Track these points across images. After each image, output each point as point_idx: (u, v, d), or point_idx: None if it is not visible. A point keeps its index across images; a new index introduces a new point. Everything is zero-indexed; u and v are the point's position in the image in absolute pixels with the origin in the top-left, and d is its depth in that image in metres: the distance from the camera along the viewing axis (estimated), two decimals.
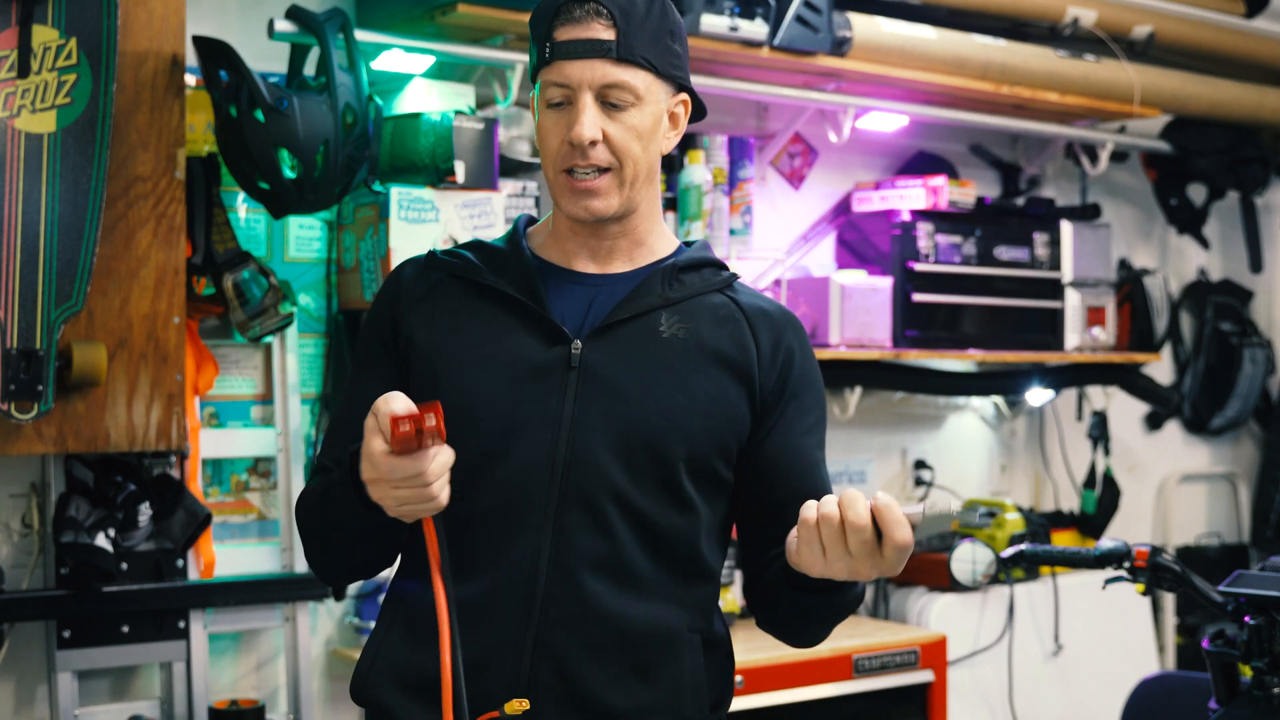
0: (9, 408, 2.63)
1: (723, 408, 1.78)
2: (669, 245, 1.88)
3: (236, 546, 3.22)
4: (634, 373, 1.75)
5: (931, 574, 4.03)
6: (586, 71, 1.72)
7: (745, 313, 1.83)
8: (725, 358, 1.79)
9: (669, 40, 1.78)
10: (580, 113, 1.72)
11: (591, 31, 1.72)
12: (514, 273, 1.81)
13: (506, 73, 3.30)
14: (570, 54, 1.72)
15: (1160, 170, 4.84)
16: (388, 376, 1.81)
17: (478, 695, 1.70)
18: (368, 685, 1.79)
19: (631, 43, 1.73)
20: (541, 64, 1.75)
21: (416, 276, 1.85)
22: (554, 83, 1.74)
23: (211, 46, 2.89)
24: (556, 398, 1.74)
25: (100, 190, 2.69)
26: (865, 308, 3.85)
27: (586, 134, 1.72)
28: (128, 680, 3.10)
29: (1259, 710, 2.37)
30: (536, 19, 1.78)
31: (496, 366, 1.76)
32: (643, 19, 1.74)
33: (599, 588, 1.72)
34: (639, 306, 1.79)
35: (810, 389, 1.85)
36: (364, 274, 3.20)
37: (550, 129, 1.76)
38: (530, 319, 1.78)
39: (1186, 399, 5.07)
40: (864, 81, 3.87)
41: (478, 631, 1.71)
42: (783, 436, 1.81)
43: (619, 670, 1.73)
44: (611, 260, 1.83)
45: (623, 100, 1.74)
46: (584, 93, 1.73)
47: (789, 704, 3.43)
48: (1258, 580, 2.40)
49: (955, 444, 4.51)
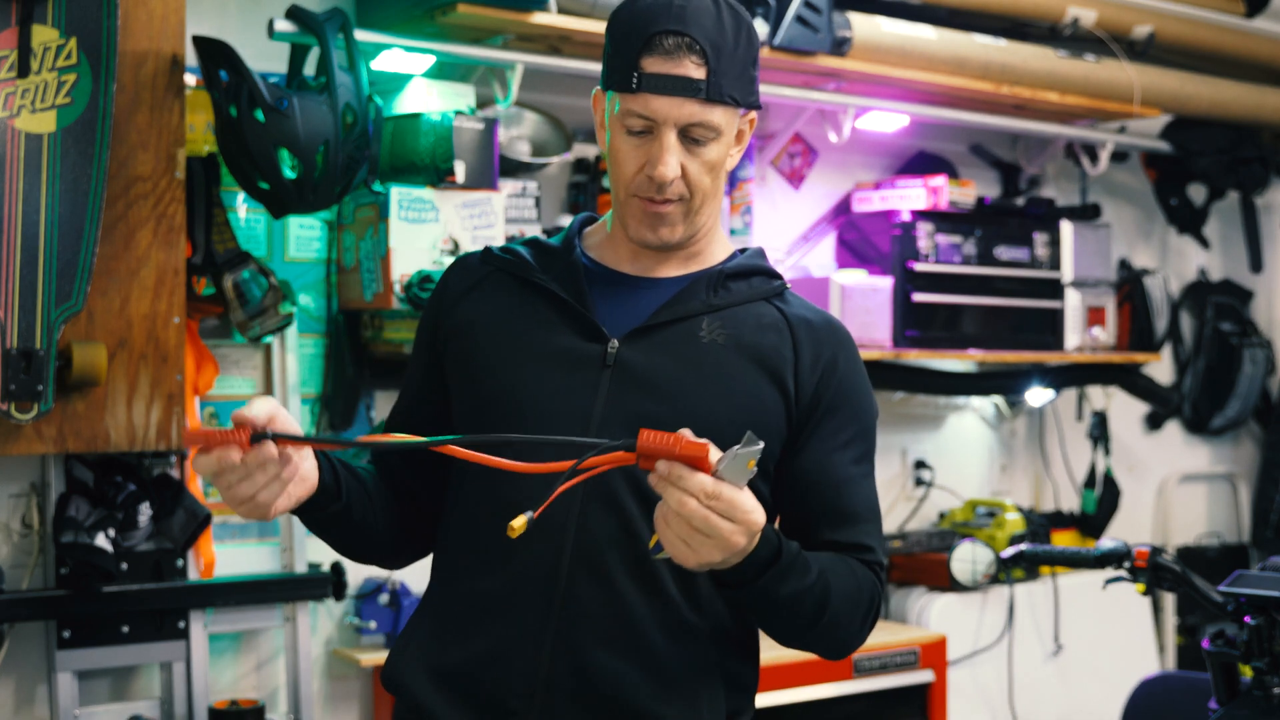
0: (9, 408, 2.63)
1: (758, 416, 1.75)
2: (723, 252, 1.87)
3: (236, 546, 3.22)
4: (668, 374, 1.75)
5: (932, 574, 4.03)
6: (674, 110, 1.71)
7: (790, 322, 1.81)
8: (764, 367, 1.77)
9: (751, 69, 1.78)
10: (664, 151, 1.71)
11: (683, 69, 1.70)
12: (562, 271, 1.82)
13: (506, 73, 3.30)
14: (659, 89, 1.70)
15: (1160, 170, 4.84)
16: (432, 372, 1.85)
17: (495, 689, 1.71)
18: (397, 673, 1.81)
19: (720, 81, 1.72)
20: (624, 87, 1.72)
21: (466, 271, 1.87)
22: (638, 114, 1.72)
23: (211, 46, 2.89)
24: (588, 394, 1.74)
25: (100, 190, 2.69)
26: (865, 308, 3.85)
27: (670, 174, 1.72)
28: (128, 680, 3.10)
29: (1259, 710, 2.37)
30: (622, 33, 1.74)
31: (533, 361, 1.77)
32: (731, 53, 1.73)
33: (620, 586, 1.71)
34: (681, 311, 1.78)
35: (849, 404, 1.81)
36: (364, 274, 3.20)
37: (629, 154, 1.75)
38: (572, 317, 1.78)
39: (1186, 399, 5.07)
40: (864, 81, 3.87)
41: (497, 625, 1.72)
42: (814, 451, 1.79)
43: (637, 670, 1.73)
44: (661, 265, 1.83)
45: (704, 137, 1.73)
46: (669, 130, 1.71)
47: (789, 704, 3.44)
48: (1258, 580, 2.40)
49: (955, 444, 4.51)
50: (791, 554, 1.67)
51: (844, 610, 1.74)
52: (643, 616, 1.72)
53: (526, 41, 3.34)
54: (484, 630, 1.73)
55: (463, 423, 1.80)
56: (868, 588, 1.77)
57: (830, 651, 1.81)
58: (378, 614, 3.28)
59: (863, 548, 1.79)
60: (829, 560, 1.74)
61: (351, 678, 3.38)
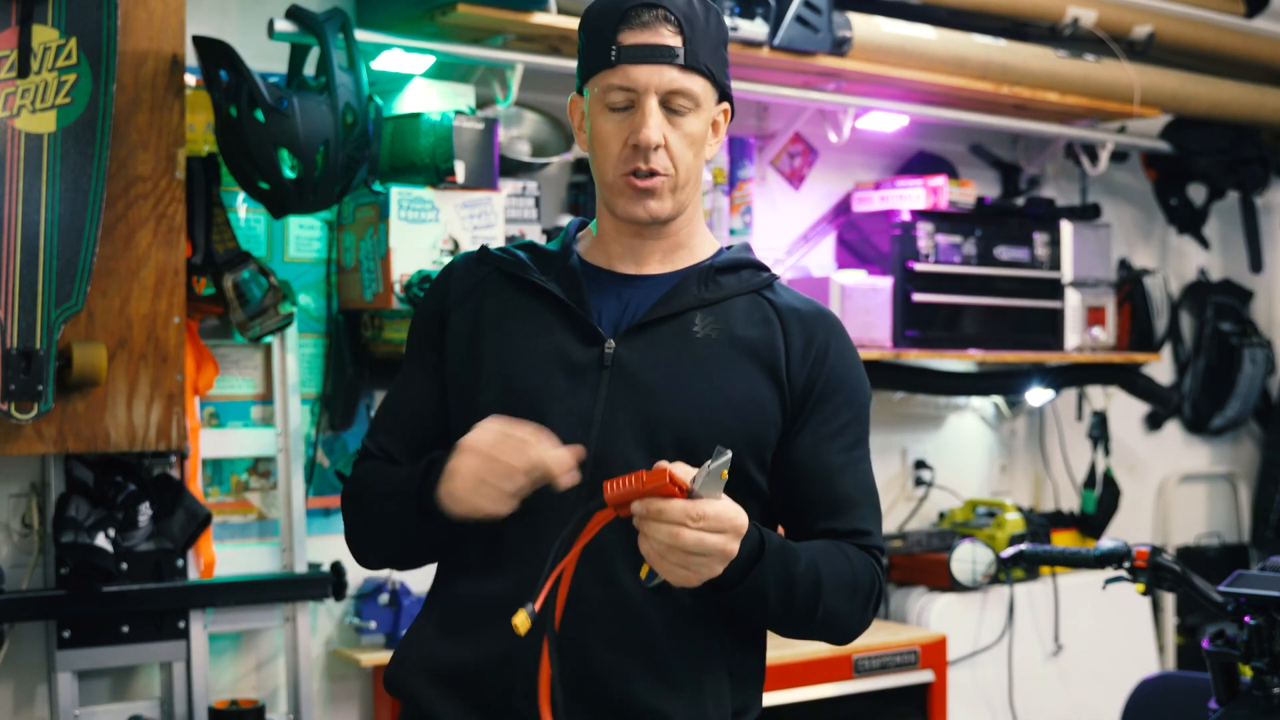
0: (9, 408, 2.63)
1: (754, 409, 1.77)
2: (709, 247, 1.90)
3: (236, 546, 3.22)
4: (665, 372, 1.76)
5: (932, 574, 4.03)
6: (654, 76, 1.74)
7: (780, 313, 1.83)
8: (758, 359, 1.79)
9: (722, 49, 1.82)
10: (647, 116, 1.74)
11: (659, 37, 1.75)
12: (559, 273, 1.83)
13: (506, 73, 3.30)
14: (638, 58, 1.74)
15: (1160, 170, 4.84)
16: (433, 370, 1.85)
17: (500, 690, 1.72)
18: (400, 675, 1.82)
19: (696, 50, 1.76)
20: (603, 66, 1.76)
21: (467, 270, 1.88)
22: (619, 86, 1.76)
23: (211, 46, 2.89)
24: (588, 396, 1.75)
25: (100, 190, 2.69)
26: (865, 308, 3.85)
27: (654, 137, 1.74)
28: (128, 680, 3.10)
29: (1259, 710, 2.37)
30: (596, 21, 1.79)
31: (533, 363, 1.78)
32: (704, 27, 1.77)
33: (625, 586, 1.72)
34: (674, 307, 1.80)
35: (842, 391, 1.83)
36: (364, 274, 3.20)
37: (612, 132, 1.78)
38: (569, 318, 1.80)
39: (1186, 399, 5.07)
40: (864, 81, 3.87)
41: (503, 626, 1.71)
42: (806, 440, 1.80)
43: (643, 670, 1.73)
44: (651, 261, 1.85)
45: (683, 107, 1.77)
46: (649, 97, 1.75)
47: (789, 704, 3.44)
48: (1258, 580, 2.40)
49: (955, 444, 4.51)
50: (776, 546, 1.68)
51: (840, 597, 1.75)
52: (648, 615, 1.73)
53: (526, 41, 3.34)
54: (488, 632, 1.74)
55: (464, 425, 1.79)
56: (865, 572, 1.78)
57: (833, 638, 1.82)
58: (378, 614, 3.28)
59: (859, 533, 1.80)
60: (820, 548, 1.75)
61: (351, 678, 3.38)
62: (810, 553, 1.72)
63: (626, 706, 1.73)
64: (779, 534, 1.72)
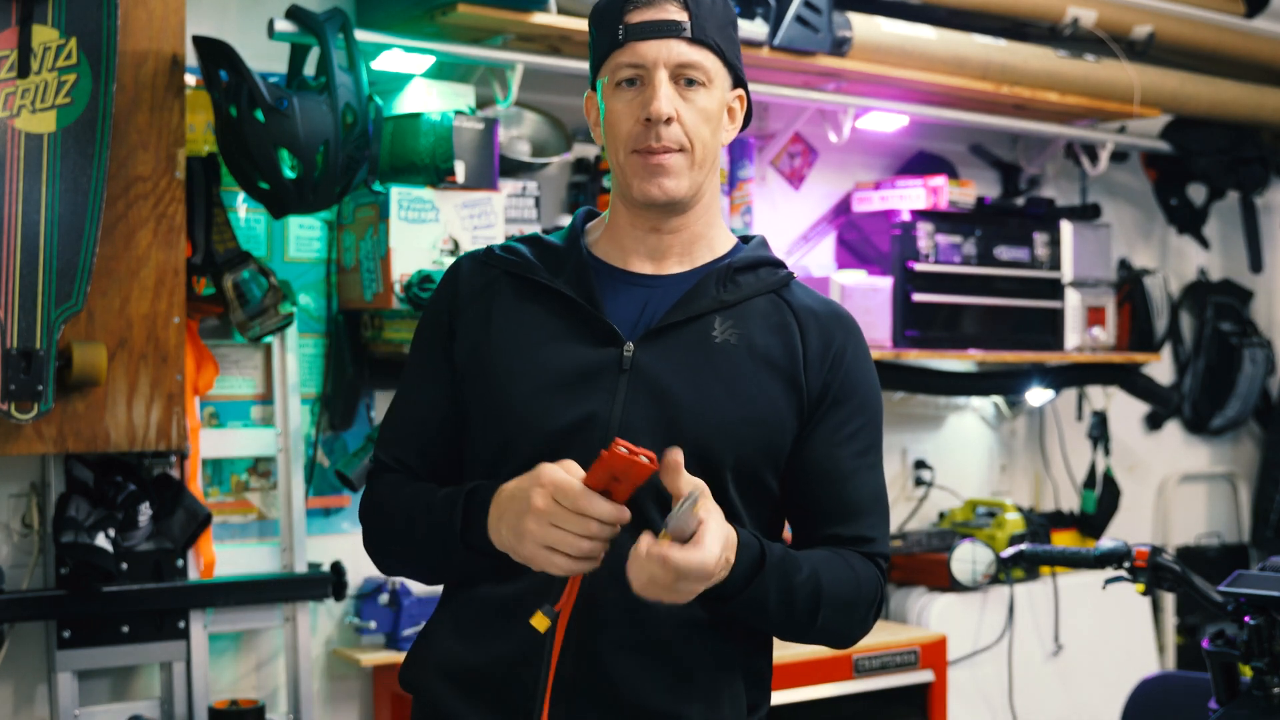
0: (9, 408, 2.63)
1: (772, 416, 1.76)
2: (726, 242, 1.87)
3: (236, 546, 3.22)
4: (684, 377, 1.74)
5: (932, 574, 4.03)
6: (662, 50, 1.74)
7: (797, 315, 1.81)
8: (776, 364, 1.78)
9: (731, 30, 1.82)
10: (657, 88, 1.74)
11: (665, 13, 1.75)
12: (570, 272, 1.80)
13: (506, 73, 3.30)
14: (645, 34, 1.74)
15: (1160, 170, 4.84)
16: (444, 377, 1.82)
17: (515, 691, 1.72)
18: (415, 673, 1.81)
19: (703, 24, 1.76)
20: (613, 48, 1.76)
21: (473, 273, 1.85)
22: (627, 63, 1.75)
23: (211, 46, 2.89)
24: (606, 400, 1.73)
25: (100, 190, 2.69)
26: (865, 308, 3.85)
27: (664, 108, 1.73)
28: (128, 680, 3.10)
29: (1259, 710, 2.37)
30: (603, 11, 1.79)
31: (549, 368, 1.75)
32: (710, 6, 1.78)
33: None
34: (693, 310, 1.78)
35: (856, 394, 1.82)
36: (364, 274, 3.20)
37: (622, 110, 1.76)
38: (584, 320, 1.77)
39: (1186, 399, 5.07)
40: (864, 81, 3.87)
41: (518, 628, 1.70)
42: (818, 444, 1.79)
43: (657, 672, 1.73)
44: (668, 259, 1.82)
45: (695, 79, 1.75)
46: (659, 71, 1.74)
47: (789, 704, 3.44)
48: (1258, 580, 2.40)
49: (955, 444, 4.51)
50: (776, 557, 1.68)
51: (840, 605, 1.75)
52: (663, 616, 1.71)
53: (526, 41, 3.34)
54: (504, 633, 1.73)
55: (480, 433, 1.79)
56: (868, 580, 1.78)
57: (834, 644, 1.83)
58: (378, 614, 3.28)
59: (863, 539, 1.80)
60: (822, 557, 1.75)
61: (351, 678, 3.38)
62: (811, 561, 1.72)
63: (644, 711, 1.72)
64: (780, 544, 1.71)
